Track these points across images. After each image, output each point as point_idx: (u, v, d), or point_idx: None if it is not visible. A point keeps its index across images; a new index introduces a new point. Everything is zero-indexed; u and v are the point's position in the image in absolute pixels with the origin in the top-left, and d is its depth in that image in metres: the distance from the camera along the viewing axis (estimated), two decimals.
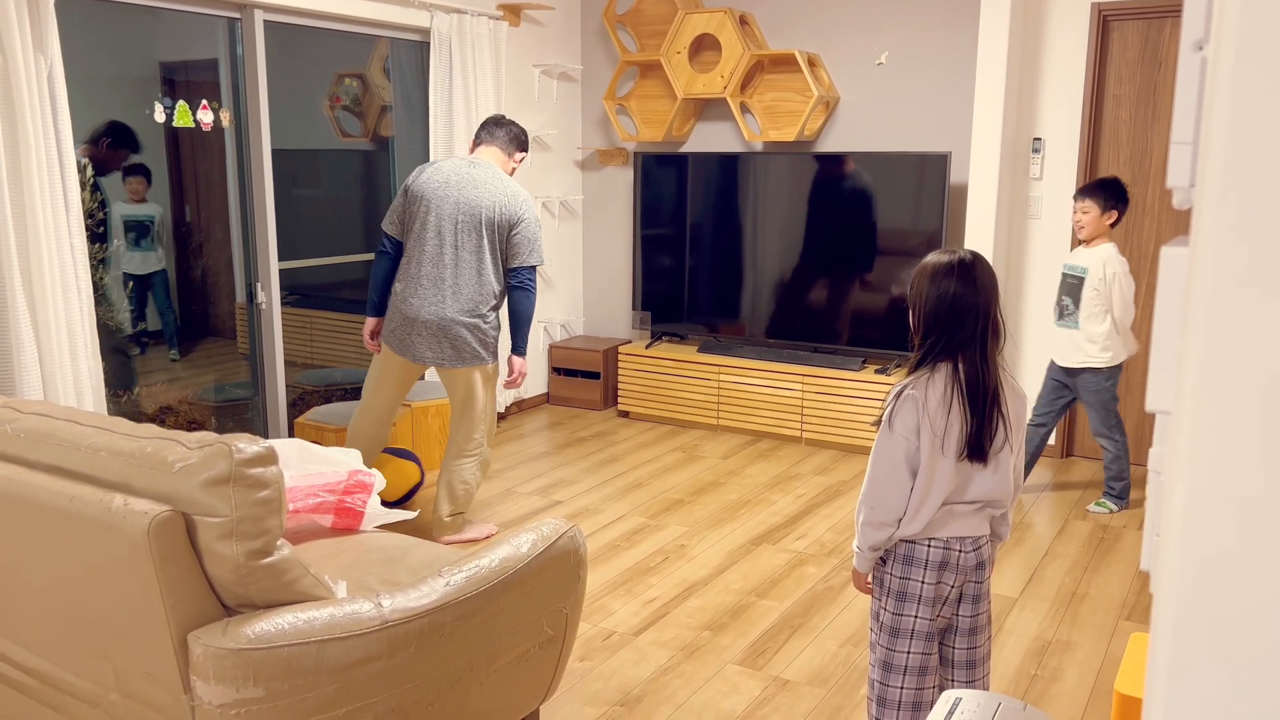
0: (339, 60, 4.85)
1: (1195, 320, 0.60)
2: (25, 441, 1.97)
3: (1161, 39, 4.54)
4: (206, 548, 1.74)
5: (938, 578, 2.11)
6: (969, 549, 2.10)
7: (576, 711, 2.70)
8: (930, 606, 2.12)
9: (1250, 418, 0.59)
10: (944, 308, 2.05)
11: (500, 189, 3.62)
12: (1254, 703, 0.62)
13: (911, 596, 2.12)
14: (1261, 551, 0.60)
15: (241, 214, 4.34)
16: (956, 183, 4.96)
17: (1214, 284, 0.59)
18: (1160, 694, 0.64)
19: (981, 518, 2.11)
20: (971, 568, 2.12)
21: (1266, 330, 0.58)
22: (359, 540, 2.68)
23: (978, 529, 2.11)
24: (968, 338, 2.04)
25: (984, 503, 2.09)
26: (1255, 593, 0.61)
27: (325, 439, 4.30)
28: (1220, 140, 0.58)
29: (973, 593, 2.14)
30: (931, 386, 2.04)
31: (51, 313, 3.34)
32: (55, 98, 3.33)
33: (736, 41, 5.22)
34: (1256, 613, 0.61)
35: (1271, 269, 0.57)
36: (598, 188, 6.05)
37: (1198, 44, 0.72)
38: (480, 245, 3.58)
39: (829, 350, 5.24)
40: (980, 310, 2.04)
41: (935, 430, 2.02)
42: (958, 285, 2.04)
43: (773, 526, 4.06)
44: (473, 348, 3.60)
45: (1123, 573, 3.63)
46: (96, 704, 1.95)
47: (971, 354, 2.04)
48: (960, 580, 2.12)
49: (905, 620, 2.13)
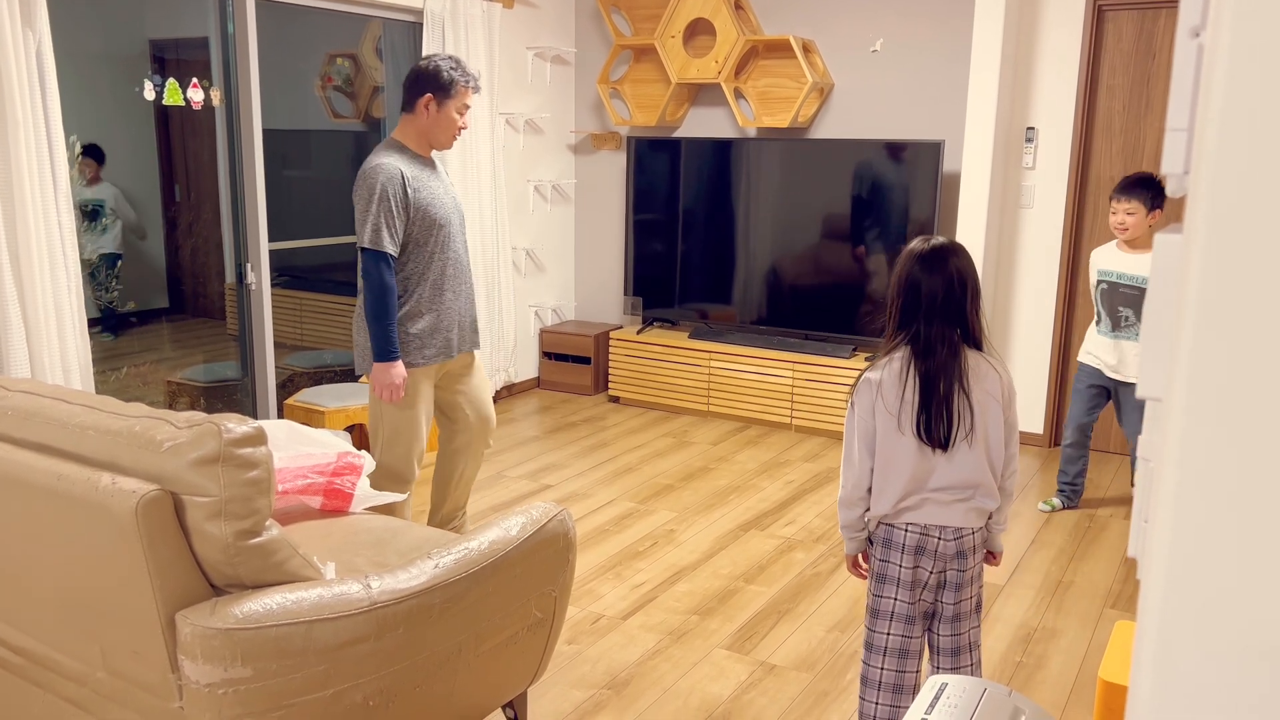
0: (331, 40, 4.81)
1: (1188, 307, 0.60)
2: (12, 420, 1.96)
3: (1156, 30, 4.54)
4: (195, 527, 1.74)
5: (915, 562, 2.14)
6: (949, 537, 2.12)
7: (564, 694, 2.71)
8: (909, 590, 2.16)
9: (1242, 405, 0.59)
10: (907, 292, 2.08)
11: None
12: (1240, 690, 0.62)
13: (890, 579, 2.16)
14: (1251, 539, 0.61)
15: (231, 194, 4.31)
16: (949, 171, 4.96)
17: (1207, 270, 0.59)
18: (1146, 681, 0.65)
19: (965, 509, 2.12)
20: (951, 555, 2.13)
21: (1259, 317, 0.58)
22: (348, 522, 2.68)
23: (960, 520, 2.12)
24: (926, 323, 2.06)
25: (959, 489, 2.11)
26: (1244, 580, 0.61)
27: (314, 420, 4.29)
28: (1215, 126, 0.58)
29: (954, 580, 2.16)
30: (889, 368, 2.09)
31: (39, 291, 3.32)
32: (44, 75, 3.30)
33: (731, 26, 5.19)
34: (1245, 600, 0.61)
35: (1265, 256, 0.58)
36: (590, 172, 6.03)
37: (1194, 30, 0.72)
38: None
39: (820, 337, 5.25)
40: (941, 297, 2.05)
41: (890, 410, 2.08)
42: (921, 271, 2.06)
43: (762, 512, 4.07)
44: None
45: (1109, 561, 3.65)
46: (83, 682, 1.95)
47: (929, 339, 2.05)
48: (940, 567, 2.14)
49: (885, 602, 2.18)
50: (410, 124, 3.09)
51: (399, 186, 2.98)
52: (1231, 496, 0.60)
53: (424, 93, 3.03)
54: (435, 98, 3.04)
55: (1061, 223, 4.79)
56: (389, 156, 3.01)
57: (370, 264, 2.98)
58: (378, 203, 2.95)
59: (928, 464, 2.10)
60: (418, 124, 3.08)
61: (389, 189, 2.96)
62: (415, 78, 3.05)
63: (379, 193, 2.95)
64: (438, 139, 3.10)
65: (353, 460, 2.71)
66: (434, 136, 3.10)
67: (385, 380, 3.05)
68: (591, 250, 6.13)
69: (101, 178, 4.07)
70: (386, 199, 2.96)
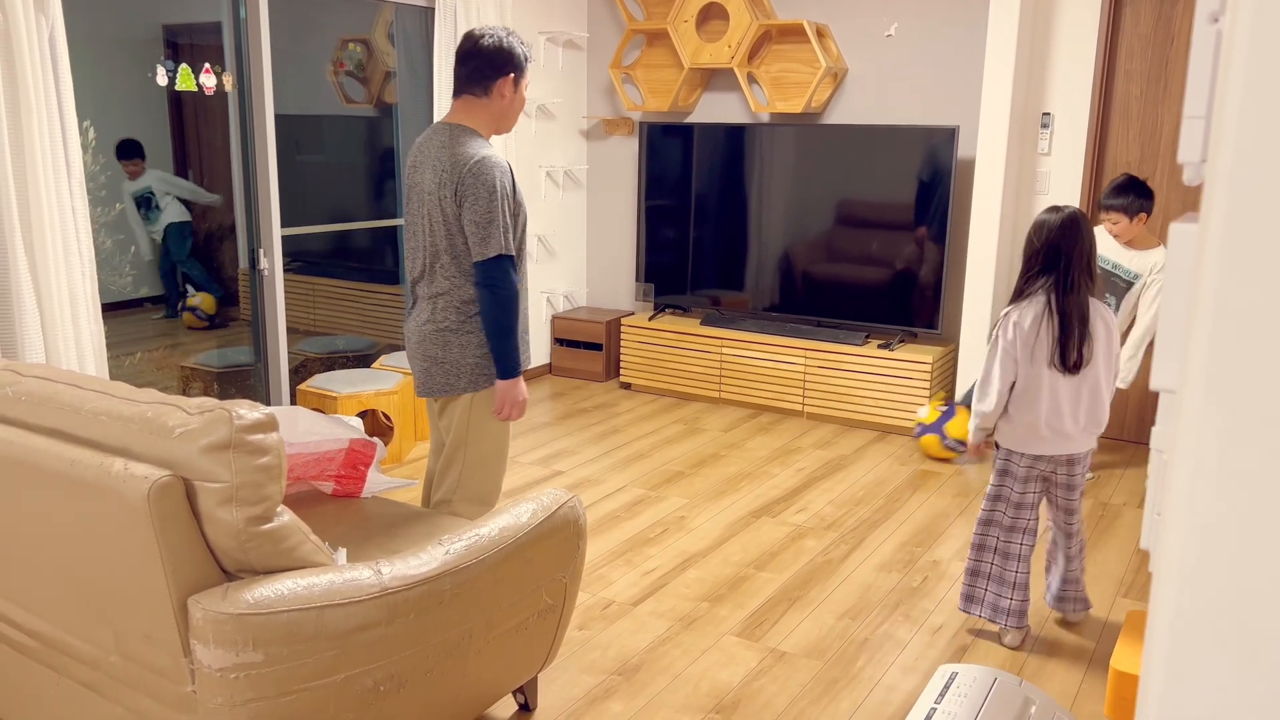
0: (343, 25, 4.80)
1: (1204, 297, 0.59)
2: (26, 405, 1.97)
3: (1175, 14, 4.48)
4: (207, 513, 1.75)
5: (1032, 462, 2.84)
6: (1063, 459, 2.84)
7: (574, 680, 2.72)
8: (1023, 483, 2.86)
9: (1258, 397, 0.58)
10: (1048, 250, 2.71)
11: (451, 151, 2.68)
12: (1252, 680, 0.61)
13: (1010, 474, 2.87)
14: (1263, 531, 0.60)
15: (244, 179, 4.32)
16: (964, 157, 4.93)
17: (1224, 261, 0.58)
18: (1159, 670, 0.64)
19: (1082, 431, 2.80)
20: (1063, 462, 2.85)
21: (1276, 308, 0.57)
22: (360, 507, 2.69)
23: (1080, 443, 2.82)
24: (1065, 274, 2.69)
25: (1080, 412, 2.77)
26: (1256, 571, 0.60)
27: (326, 406, 4.30)
28: (1234, 114, 0.57)
29: (1065, 481, 2.88)
30: (1028, 309, 2.73)
31: (53, 275, 3.34)
32: (57, 59, 3.30)
33: (744, 11, 5.16)
34: (1257, 591, 0.61)
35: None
36: (602, 158, 6.01)
37: (1213, 16, 0.71)
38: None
39: (832, 325, 5.23)
40: (1067, 252, 2.69)
41: (1026, 343, 2.72)
42: (1059, 234, 2.69)
43: (772, 500, 4.07)
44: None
45: (1120, 550, 3.64)
46: (96, 666, 1.96)
47: (1067, 285, 2.69)
48: (1052, 469, 2.85)
49: (1004, 490, 2.88)
50: (483, 109, 2.70)
51: (510, 181, 2.65)
52: (1245, 489, 0.60)
53: (505, 73, 2.67)
54: (515, 78, 2.70)
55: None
56: (487, 148, 2.65)
57: (498, 270, 2.61)
58: (500, 201, 2.60)
59: (1058, 388, 2.73)
60: (492, 108, 2.70)
61: (505, 185, 2.63)
62: (491, 57, 2.66)
63: (499, 190, 2.60)
64: (508, 123, 2.77)
65: (365, 447, 2.72)
66: (507, 121, 2.76)
67: (513, 397, 2.72)
68: (603, 236, 6.12)
69: (145, 168, 4.11)
70: (505, 196, 2.62)
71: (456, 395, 2.76)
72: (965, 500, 4.09)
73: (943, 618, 3.11)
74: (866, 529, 3.78)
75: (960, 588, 3.04)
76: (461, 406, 2.78)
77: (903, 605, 3.19)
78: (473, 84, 2.69)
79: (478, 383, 2.74)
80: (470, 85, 2.69)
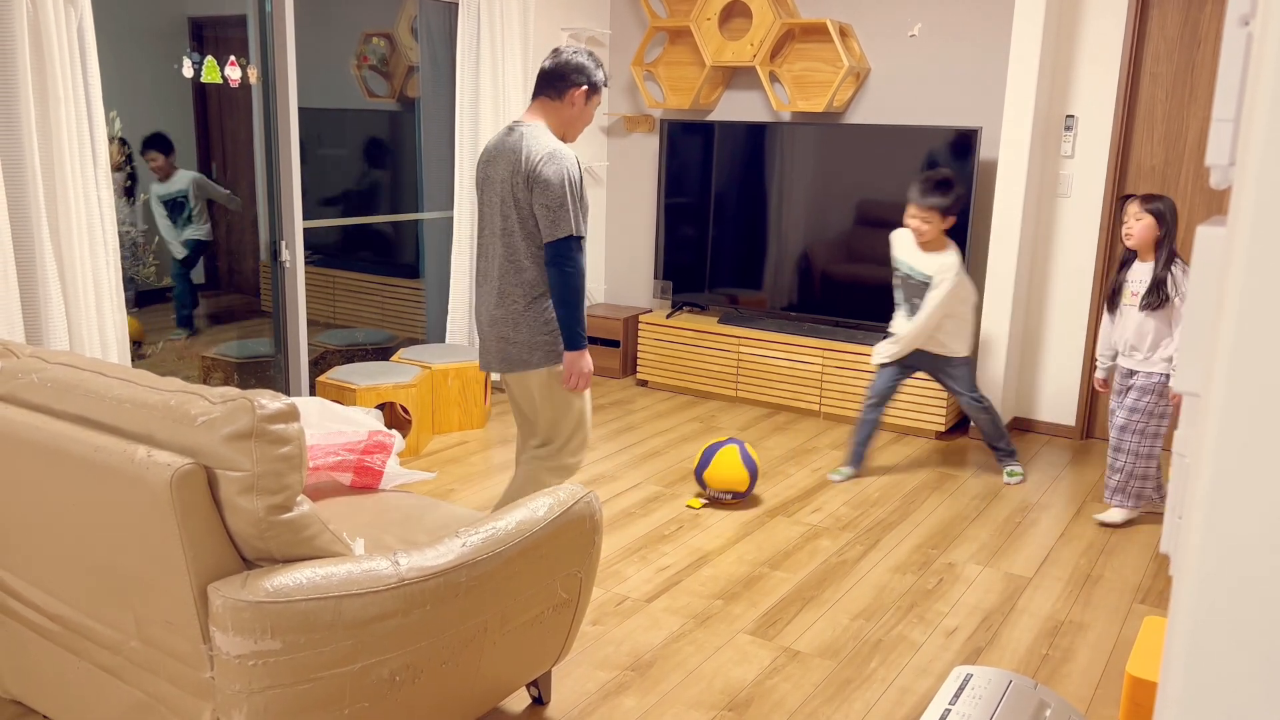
0: (367, 19, 4.83)
1: (1230, 301, 0.59)
2: (51, 391, 2.00)
3: (1202, 17, 4.45)
4: (227, 501, 1.76)
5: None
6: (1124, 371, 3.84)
7: (588, 674, 2.73)
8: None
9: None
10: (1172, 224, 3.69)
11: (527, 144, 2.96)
12: (1273, 684, 0.61)
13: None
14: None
15: (267, 172, 4.35)
16: (986, 159, 4.90)
17: (1251, 264, 0.58)
18: (1178, 675, 0.64)
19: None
20: (1125, 374, 3.80)
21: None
22: (378, 499, 2.71)
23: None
24: (1170, 241, 3.67)
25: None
26: (1277, 576, 0.60)
27: (345, 398, 4.33)
28: (1264, 118, 0.57)
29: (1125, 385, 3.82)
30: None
31: (79, 265, 3.37)
32: (85, 51, 3.33)
33: (767, 9, 5.15)
34: (1277, 596, 0.61)
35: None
36: (623, 155, 6.02)
37: (1243, 19, 0.71)
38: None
39: (850, 325, 5.21)
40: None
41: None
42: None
43: (788, 499, 4.06)
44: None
45: (1138, 556, 3.62)
46: (117, 650, 1.99)
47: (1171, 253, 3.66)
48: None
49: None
50: (555, 112, 2.99)
51: (578, 172, 2.93)
52: (1267, 493, 0.59)
53: (579, 85, 2.97)
54: (588, 91, 2.99)
55: (1099, 213, 4.73)
56: (557, 142, 2.93)
57: (567, 250, 2.87)
58: (569, 187, 2.86)
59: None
60: (562, 114, 3.00)
61: (574, 174, 2.89)
62: (569, 68, 2.97)
63: (568, 177, 2.87)
64: (574, 131, 3.05)
65: (383, 439, 2.74)
66: (574, 128, 3.04)
67: (581, 368, 2.96)
68: (622, 233, 6.13)
69: (176, 166, 4.08)
70: (574, 184, 2.89)
71: (529, 371, 3.00)
72: (982, 504, 4.08)
73: (957, 620, 3.10)
74: (882, 530, 3.78)
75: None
76: (539, 384, 3.02)
77: (917, 607, 3.18)
78: (549, 87, 2.98)
79: (549, 359, 2.98)
80: (547, 88, 2.99)
